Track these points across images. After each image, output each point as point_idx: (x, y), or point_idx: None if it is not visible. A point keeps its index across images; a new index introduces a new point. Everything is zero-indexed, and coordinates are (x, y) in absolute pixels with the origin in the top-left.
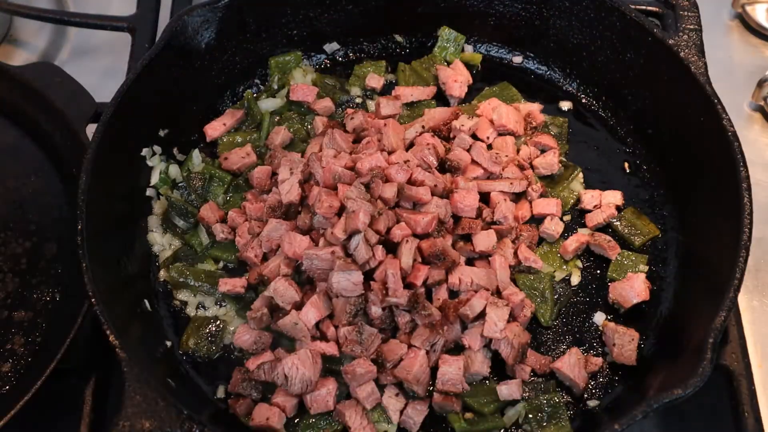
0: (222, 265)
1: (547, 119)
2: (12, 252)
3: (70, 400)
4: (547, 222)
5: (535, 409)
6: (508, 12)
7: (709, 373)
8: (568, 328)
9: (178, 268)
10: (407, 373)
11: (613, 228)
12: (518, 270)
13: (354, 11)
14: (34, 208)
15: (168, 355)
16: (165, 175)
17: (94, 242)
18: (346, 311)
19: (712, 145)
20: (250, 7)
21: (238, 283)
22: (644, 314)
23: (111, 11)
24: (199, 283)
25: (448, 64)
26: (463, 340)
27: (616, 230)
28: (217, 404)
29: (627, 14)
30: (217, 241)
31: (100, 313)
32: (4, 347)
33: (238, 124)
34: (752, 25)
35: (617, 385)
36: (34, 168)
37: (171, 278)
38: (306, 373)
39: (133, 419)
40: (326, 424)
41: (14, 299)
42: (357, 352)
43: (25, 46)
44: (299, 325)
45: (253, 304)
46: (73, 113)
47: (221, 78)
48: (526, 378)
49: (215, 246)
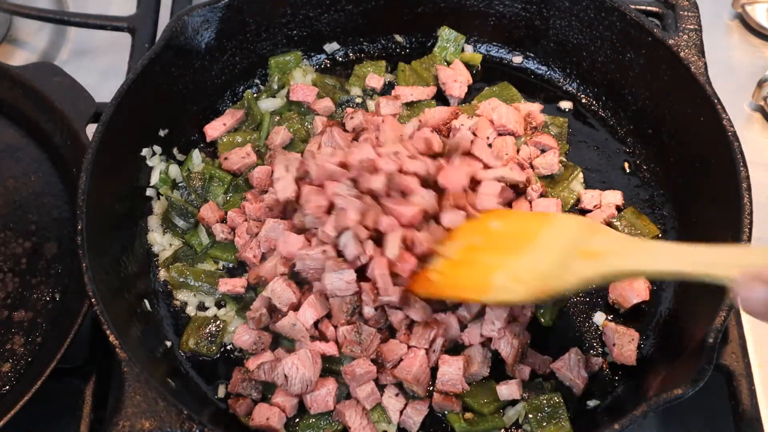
0: (222, 265)
1: (547, 119)
2: (12, 252)
3: (70, 400)
4: None
5: (535, 409)
6: (508, 12)
7: (709, 373)
8: (568, 328)
9: (178, 268)
10: (407, 373)
11: (613, 228)
12: None
13: (354, 11)
14: (34, 208)
15: (168, 355)
16: (165, 175)
17: (94, 242)
18: (343, 310)
19: (712, 145)
20: (250, 7)
21: (238, 283)
22: (644, 314)
23: (111, 11)
24: (199, 283)
25: (448, 64)
26: (462, 338)
27: (616, 230)
28: (217, 404)
29: (627, 14)
30: (217, 241)
31: (100, 313)
32: (4, 347)
33: (238, 124)
34: (752, 25)
35: (617, 385)
36: (34, 168)
37: (171, 278)
38: (306, 373)
39: (133, 419)
40: (326, 424)
41: (14, 299)
42: (356, 352)
43: (25, 46)
44: (297, 326)
45: (252, 305)
46: (73, 113)
47: (221, 78)
48: (526, 378)
49: (215, 246)
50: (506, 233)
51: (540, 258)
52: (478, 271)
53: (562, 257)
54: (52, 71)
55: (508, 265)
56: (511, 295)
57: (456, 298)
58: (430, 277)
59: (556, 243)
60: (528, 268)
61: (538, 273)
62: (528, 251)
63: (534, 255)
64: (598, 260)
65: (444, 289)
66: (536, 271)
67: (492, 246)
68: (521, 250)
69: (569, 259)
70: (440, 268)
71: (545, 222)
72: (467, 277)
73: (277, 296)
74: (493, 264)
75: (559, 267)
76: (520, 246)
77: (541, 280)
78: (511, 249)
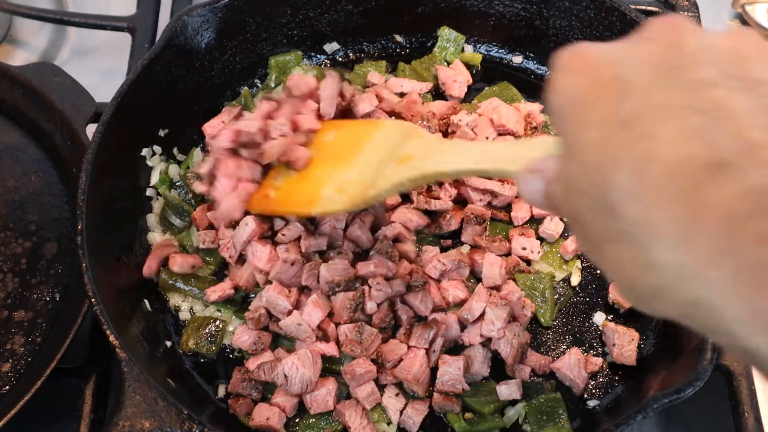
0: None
1: (547, 119)
2: (12, 252)
3: (70, 400)
4: (546, 222)
5: (535, 409)
6: (508, 12)
7: (709, 373)
8: (568, 328)
9: (167, 269)
10: (407, 373)
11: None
12: (517, 270)
13: (354, 11)
14: (34, 208)
15: (168, 355)
16: (165, 175)
17: (94, 242)
18: (346, 306)
19: None
20: (250, 7)
21: (226, 287)
22: (644, 314)
23: (111, 11)
24: (188, 287)
25: (448, 64)
26: (462, 338)
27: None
28: (217, 404)
29: (627, 14)
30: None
31: (100, 313)
32: (4, 347)
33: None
34: (752, 25)
35: (617, 385)
36: (34, 168)
37: (162, 280)
38: (306, 373)
39: (133, 419)
40: (326, 424)
41: (14, 299)
42: (357, 351)
43: (25, 46)
44: (303, 326)
45: (251, 305)
46: (73, 113)
47: (221, 78)
48: (526, 378)
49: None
50: (338, 144)
51: (362, 168)
52: (310, 185)
53: (381, 165)
54: (52, 71)
55: (336, 176)
56: (335, 205)
57: (287, 213)
58: (268, 194)
59: (378, 151)
60: (350, 179)
61: (358, 183)
62: (353, 162)
63: (357, 165)
64: (407, 164)
65: (278, 205)
66: (357, 181)
67: (325, 158)
68: (348, 161)
69: (386, 165)
70: (278, 184)
71: (373, 130)
72: (300, 191)
73: (272, 306)
74: (323, 177)
75: (375, 175)
76: (348, 157)
77: (361, 188)
78: (340, 160)
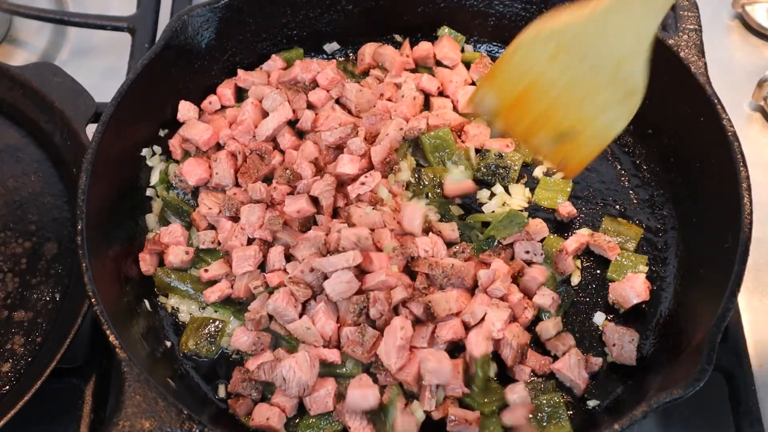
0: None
1: None
2: (12, 252)
3: (70, 400)
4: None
5: (535, 409)
6: (508, 12)
7: (709, 373)
8: (568, 328)
9: (164, 269)
10: (407, 374)
11: (603, 238)
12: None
13: (354, 11)
14: (34, 208)
15: (168, 355)
16: (165, 175)
17: (94, 242)
18: (350, 311)
19: (712, 145)
20: (250, 7)
21: (224, 286)
22: (644, 314)
23: (111, 11)
24: (185, 287)
25: None
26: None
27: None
28: (217, 404)
29: None
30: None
31: (100, 313)
32: (4, 347)
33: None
34: (752, 25)
35: (617, 385)
36: (34, 168)
37: (159, 280)
38: (303, 377)
39: (133, 419)
40: (326, 424)
41: (14, 299)
42: (358, 353)
43: (25, 46)
44: (312, 330)
45: (251, 305)
46: (73, 113)
47: (221, 78)
48: (526, 378)
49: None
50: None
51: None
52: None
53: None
54: (52, 71)
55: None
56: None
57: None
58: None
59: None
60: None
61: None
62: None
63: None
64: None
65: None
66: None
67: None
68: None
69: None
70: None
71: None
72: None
73: (279, 315)
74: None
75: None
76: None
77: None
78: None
